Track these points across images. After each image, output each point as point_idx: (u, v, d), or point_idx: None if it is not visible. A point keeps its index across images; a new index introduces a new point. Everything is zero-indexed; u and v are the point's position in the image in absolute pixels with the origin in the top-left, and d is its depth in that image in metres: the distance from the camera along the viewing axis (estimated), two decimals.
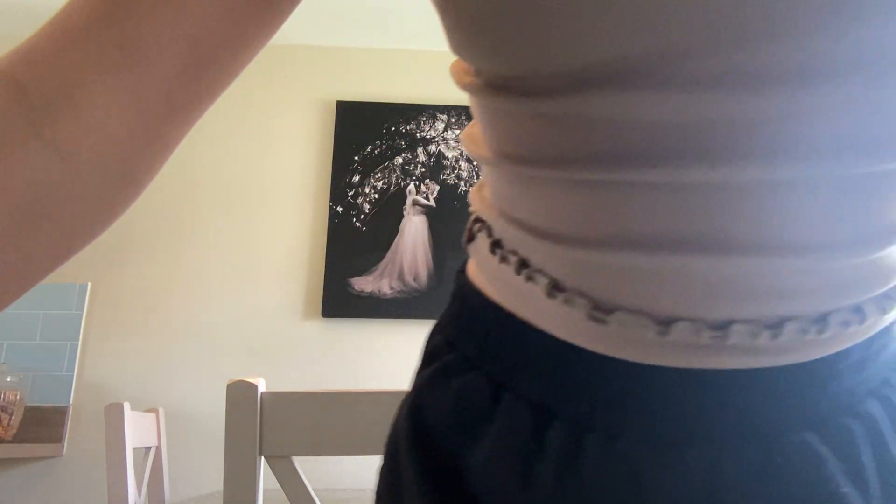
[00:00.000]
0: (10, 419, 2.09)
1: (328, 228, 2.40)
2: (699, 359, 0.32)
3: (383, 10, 2.36)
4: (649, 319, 0.31)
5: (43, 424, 2.18)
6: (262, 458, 0.71)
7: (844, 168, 0.28)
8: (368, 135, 2.49)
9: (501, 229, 0.37)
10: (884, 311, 0.33)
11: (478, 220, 0.41)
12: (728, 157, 0.28)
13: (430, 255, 2.39)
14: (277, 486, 0.74)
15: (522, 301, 0.36)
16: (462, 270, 0.43)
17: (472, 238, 0.42)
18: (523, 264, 0.35)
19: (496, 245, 0.38)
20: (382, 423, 0.58)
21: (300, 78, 2.54)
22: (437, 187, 2.46)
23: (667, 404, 0.32)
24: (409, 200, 2.45)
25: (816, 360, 0.32)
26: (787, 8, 0.24)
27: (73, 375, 2.24)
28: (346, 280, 2.35)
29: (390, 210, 2.43)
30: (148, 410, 1.78)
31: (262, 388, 0.72)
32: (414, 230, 2.42)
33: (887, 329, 0.36)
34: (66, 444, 2.19)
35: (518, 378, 0.36)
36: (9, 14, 2.39)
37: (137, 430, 1.59)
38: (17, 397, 2.12)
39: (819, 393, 0.33)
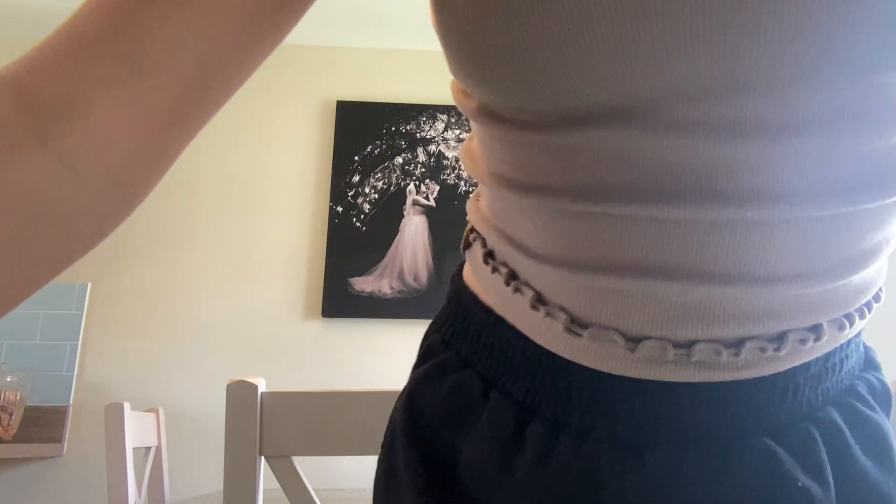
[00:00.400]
0: (10, 419, 2.09)
1: (328, 228, 2.40)
2: (665, 372, 0.35)
3: (383, 10, 2.36)
4: (620, 336, 0.34)
5: (43, 424, 2.18)
6: (262, 458, 0.71)
7: (807, 211, 0.31)
8: (368, 135, 2.49)
9: (494, 242, 0.40)
10: (842, 329, 0.36)
11: (473, 229, 0.44)
12: (702, 198, 0.30)
13: (430, 255, 2.39)
14: (277, 486, 0.74)
15: (510, 308, 0.39)
16: (458, 273, 0.46)
17: (468, 245, 0.45)
18: (512, 276, 0.39)
19: (489, 255, 0.41)
20: (382, 423, 0.58)
21: (300, 78, 2.54)
22: (437, 187, 2.46)
23: (632, 410, 0.36)
24: (409, 200, 2.45)
25: (775, 373, 0.35)
26: (760, 68, 0.27)
27: (73, 375, 2.24)
28: (346, 280, 2.35)
29: (390, 210, 2.43)
30: (148, 410, 1.78)
31: (262, 388, 0.72)
32: (414, 230, 2.42)
33: (848, 343, 0.38)
34: (66, 444, 2.19)
35: (504, 377, 0.39)
36: (8, 14, 2.39)
37: (137, 430, 1.59)
38: (17, 397, 2.12)
39: (777, 403, 0.35)
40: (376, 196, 2.45)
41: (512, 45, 0.29)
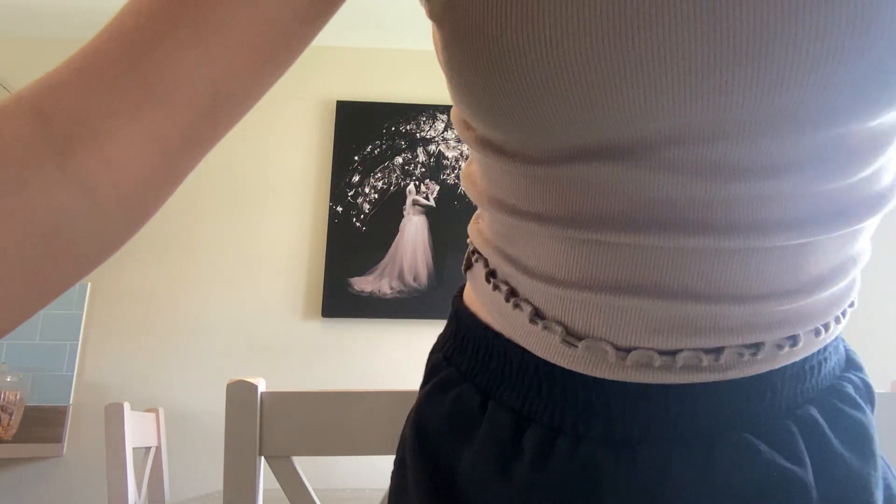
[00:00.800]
0: (10, 419, 2.09)
1: (328, 228, 2.40)
2: (652, 376, 0.38)
3: (383, 10, 2.36)
4: (611, 346, 0.38)
5: (43, 424, 2.18)
6: (262, 458, 0.71)
7: (779, 241, 0.34)
8: (368, 135, 2.49)
9: (495, 262, 0.43)
10: (818, 335, 0.39)
11: (475, 251, 0.47)
12: (686, 229, 0.34)
13: (430, 255, 2.39)
14: (277, 486, 0.74)
15: (509, 324, 0.42)
16: (458, 295, 0.49)
17: (469, 266, 0.48)
18: (512, 293, 0.42)
19: (491, 275, 0.44)
20: (383, 423, 0.58)
21: (300, 78, 2.54)
22: (437, 187, 2.46)
23: (624, 411, 0.39)
24: (409, 200, 2.45)
25: (754, 375, 0.38)
26: (738, 119, 0.31)
27: (73, 375, 2.24)
28: (346, 280, 2.35)
29: (390, 210, 2.43)
30: (148, 410, 1.78)
31: (262, 388, 0.72)
32: (414, 230, 2.42)
33: (826, 347, 0.41)
34: (66, 444, 2.19)
35: (502, 388, 0.42)
36: (9, 14, 2.39)
37: (137, 430, 1.59)
38: (17, 397, 2.12)
39: (757, 402, 0.38)
40: (376, 196, 2.45)
41: (518, 90, 0.32)
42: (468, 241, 0.48)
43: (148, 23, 0.32)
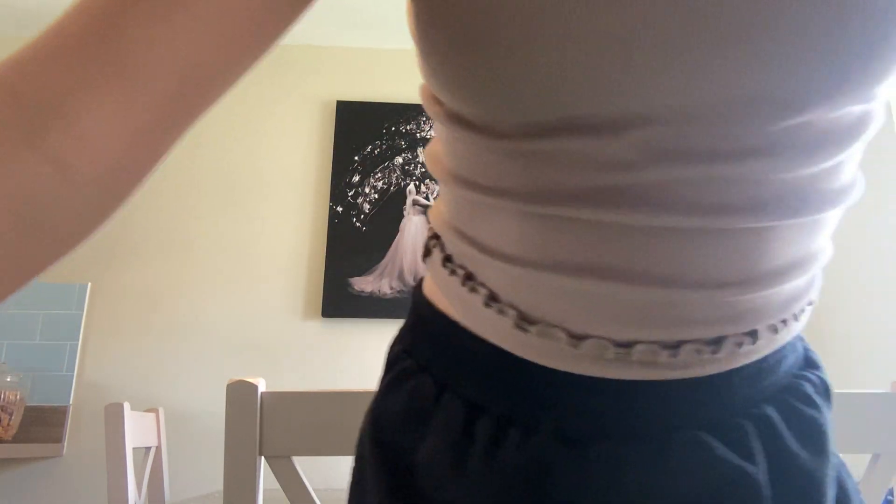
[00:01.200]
0: (10, 419, 2.09)
1: (328, 228, 2.40)
2: (606, 370, 0.37)
3: (383, 10, 2.36)
4: (564, 333, 0.37)
5: (43, 424, 2.18)
6: (262, 458, 0.71)
7: (741, 223, 0.35)
8: (368, 135, 2.49)
9: (452, 244, 0.43)
10: (775, 333, 0.39)
11: (434, 236, 0.46)
12: (647, 206, 0.34)
13: None
14: (277, 486, 0.74)
15: (465, 310, 0.42)
16: (417, 287, 0.49)
17: (428, 253, 0.47)
18: (469, 277, 0.41)
19: (447, 259, 0.43)
20: None
21: (300, 78, 2.54)
22: (437, 187, 2.45)
23: (575, 405, 0.38)
24: (409, 200, 2.45)
25: (712, 374, 0.38)
26: (705, 103, 0.31)
27: (73, 375, 2.24)
28: (346, 280, 2.35)
29: (390, 210, 2.43)
30: (148, 410, 1.78)
31: (262, 388, 0.72)
32: (414, 230, 2.42)
33: (784, 346, 0.41)
34: (66, 444, 2.19)
35: (457, 378, 0.42)
36: (8, 14, 2.39)
37: (137, 430, 1.59)
38: (17, 397, 2.12)
39: (712, 401, 0.38)
40: (376, 196, 2.45)
41: (490, 64, 0.32)
42: (429, 226, 0.48)
43: None
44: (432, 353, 0.44)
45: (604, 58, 0.30)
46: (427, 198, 2.45)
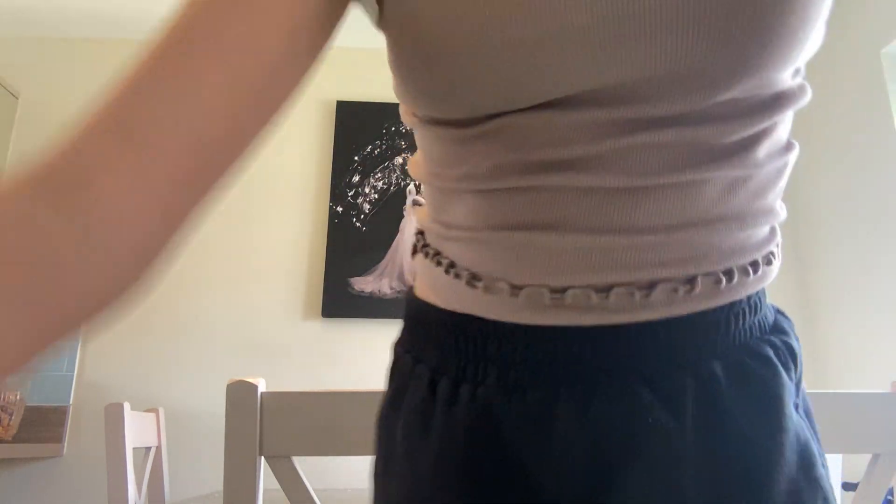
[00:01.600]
0: (10, 419, 2.09)
1: (328, 228, 2.40)
2: (544, 316, 0.40)
3: None
4: (507, 284, 0.41)
5: (43, 424, 2.18)
6: (262, 458, 0.71)
7: (661, 181, 0.38)
8: (368, 135, 2.49)
9: (429, 231, 0.47)
10: (718, 284, 0.40)
11: (418, 231, 0.51)
12: (584, 172, 0.38)
13: None
14: (277, 486, 0.74)
15: (435, 285, 0.46)
16: (411, 288, 0.52)
17: (415, 251, 0.51)
18: (437, 253, 0.46)
19: (424, 246, 0.48)
20: None
21: None
22: None
23: (514, 354, 0.41)
24: (409, 200, 2.45)
25: (648, 321, 0.39)
26: (650, 80, 0.36)
27: (73, 375, 2.24)
28: (346, 280, 2.35)
29: (390, 210, 2.43)
30: (148, 410, 1.78)
31: (262, 388, 0.72)
32: (414, 230, 2.42)
33: (736, 303, 0.41)
34: (66, 444, 2.19)
35: (425, 351, 0.46)
36: (9, 14, 2.39)
37: (137, 430, 1.59)
38: (17, 397, 2.12)
39: (648, 349, 0.39)
40: (376, 196, 2.45)
41: (447, 74, 0.38)
42: (416, 226, 0.52)
43: (132, 73, 0.34)
44: (413, 336, 0.48)
45: (561, 54, 0.36)
46: None
